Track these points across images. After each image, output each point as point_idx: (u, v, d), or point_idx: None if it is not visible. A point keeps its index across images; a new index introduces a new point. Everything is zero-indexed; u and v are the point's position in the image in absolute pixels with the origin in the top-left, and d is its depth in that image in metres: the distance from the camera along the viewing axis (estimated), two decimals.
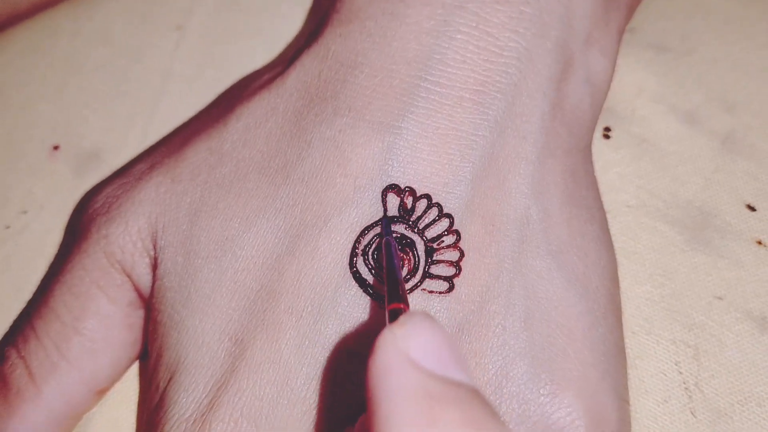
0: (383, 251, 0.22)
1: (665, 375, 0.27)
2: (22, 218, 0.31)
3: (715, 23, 0.32)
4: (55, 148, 0.32)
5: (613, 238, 0.28)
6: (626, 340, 0.27)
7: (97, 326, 0.26)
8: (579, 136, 0.27)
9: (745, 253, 0.28)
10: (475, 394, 0.16)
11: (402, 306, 0.19)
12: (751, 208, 0.29)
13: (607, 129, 0.30)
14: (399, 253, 0.23)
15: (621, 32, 0.29)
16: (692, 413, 0.26)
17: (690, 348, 0.27)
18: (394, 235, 0.24)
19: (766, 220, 0.29)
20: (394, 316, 0.19)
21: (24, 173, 0.32)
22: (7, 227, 0.31)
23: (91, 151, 0.32)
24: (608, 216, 0.28)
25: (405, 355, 0.16)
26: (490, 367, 0.24)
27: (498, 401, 0.24)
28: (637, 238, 0.29)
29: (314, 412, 0.23)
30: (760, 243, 0.28)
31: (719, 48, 0.32)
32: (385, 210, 0.24)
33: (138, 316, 0.27)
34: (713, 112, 0.30)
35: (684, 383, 0.27)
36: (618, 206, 0.29)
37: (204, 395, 0.24)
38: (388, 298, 0.20)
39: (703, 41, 0.32)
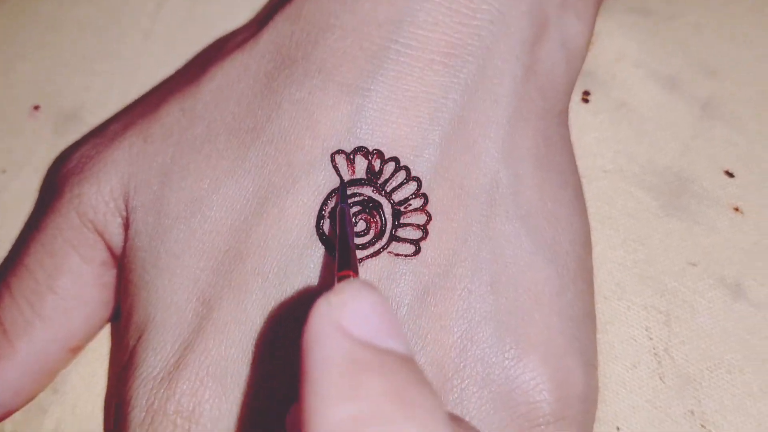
0: (337, 218, 0.22)
1: (635, 340, 0.27)
2: (1, 178, 0.31)
3: None
4: (36, 108, 0.32)
5: (588, 203, 0.28)
6: (597, 306, 0.27)
7: (70, 285, 0.27)
8: (553, 100, 0.27)
9: (721, 219, 0.28)
10: (403, 363, 0.16)
11: (351, 273, 0.19)
12: (729, 174, 0.29)
13: (587, 93, 0.30)
14: (352, 221, 0.23)
15: None
16: (661, 379, 0.26)
17: (661, 314, 0.27)
18: (362, 197, 0.24)
19: (744, 187, 0.29)
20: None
21: (4, 133, 0.32)
22: None
23: (72, 110, 0.32)
24: (584, 180, 0.28)
25: (336, 323, 0.16)
26: (455, 330, 0.24)
27: (462, 364, 0.24)
28: (613, 203, 0.29)
29: (278, 374, 0.24)
30: (737, 209, 0.28)
31: (703, 13, 0.31)
32: (341, 176, 0.24)
33: (111, 275, 0.27)
34: (694, 77, 0.30)
35: (654, 349, 0.27)
36: (594, 171, 0.29)
37: (171, 354, 0.24)
38: (338, 265, 0.20)
39: (687, 6, 0.31)
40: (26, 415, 0.28)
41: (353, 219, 0.24)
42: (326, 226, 0.24)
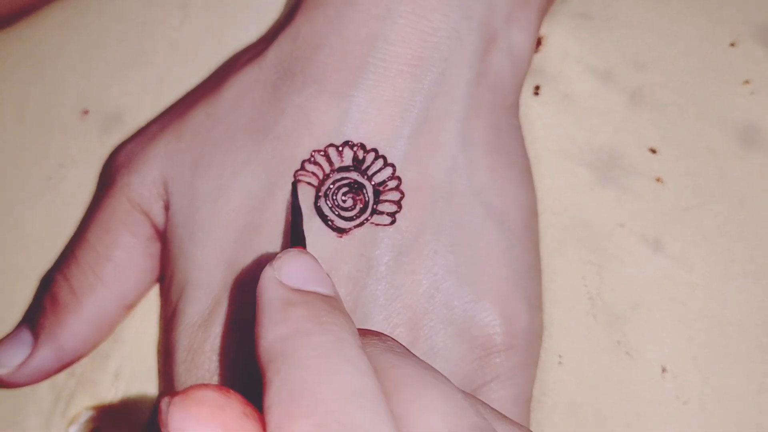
0: (290, 210, 0.29)
1: (573, 288, 0.33)
2: (60, 170, 0.37)
3: None
4: (85, 112, 0.39)
5: (537, 179, 0.34)
6: (543, 261, 0.33)
7: (124, 255, 0.33)
8: (502, 96, 0.33)
9: (645, 188, 0.35)
10: (324, 298, 0.21)
11: (301, 248, 0.25)
12: (653, 151, 0.35)
13: (537, 87, 0.36)
14: (301, 213, 0.29)
15: (542, 10, 0.34)
16: (594, 317, 0.33)
17: (594, 266, 0.34)
18: (349, 180, 0.31)
19: (665, 161, 0.35)
20: None
21: (60, 133, 0.38)
22: (49, 178, 0.37)
23: (115, 113, 0.38)
24: (534, 160, 0.35)
25: (275, 278, 0.22)
26: (424, 281, 0.30)
27: (431, 307, 0.30)
28: (557, 178, 0.35)
29: None
30: (658, 180, 0.35)
31: (637, 14, 0.37)
32: (295, 178, 0.30)
33: (156, 247, 0.33)
34: (626, 70, 0.36)
35: (588, 294, 0.33)
36: (542, 152, 0.35)
37: (205, 307, 0.31)
38: (292, 242, 0.26)
39: (623, 8, 0.37)
40: (92, 361, 0.34)
41: (343, 198, 0.31)
42: (322, 202, 0.31)
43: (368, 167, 0.31)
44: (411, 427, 0.19)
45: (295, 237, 0.27)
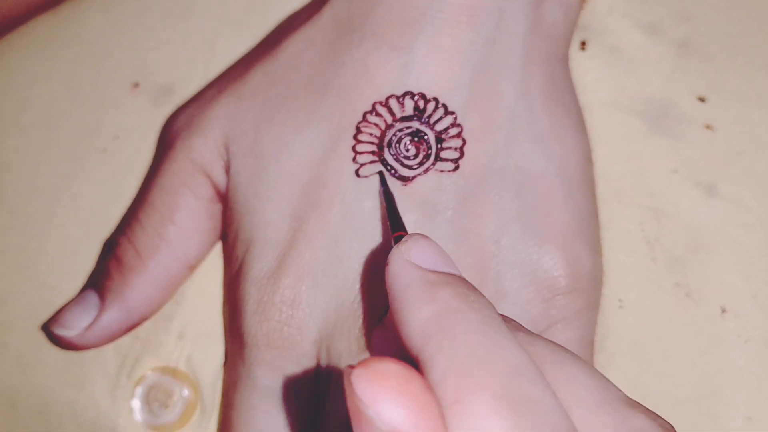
0: (382, 199, 0.30)
1: (632, 233, 0.34)
2: (115, 142, 0.38)
3: None
4: (135, 85, 0.40)
5: (590, 129, 0.35)
6: (600, 208, 0.34)
7: (186, 216, 0.33)
8: (556, 47, 0.33)
9: (696, 135, 0.35)
10: (461, 279, 0.22)
11: (403, 233, 0.26)
12: (702, 100, 0.36)
13: (583, 42, 0.37)
14: (394, 198, 0.30)
15: None
16: (653, 261, 0.34)
17: (651, 211, 0.34)
18: (411, 129, 0.31)
19: (714, 109, 0.35)
20: (398, 239, 0.26)
21: (113, 107, 0.39)
22: (105, 150, 0.38)
23: (165, 85, 0.39)
24: (586, 112, 0.35)
25: (408, 261, 0.22)
26: (490, 225, 0.31)
27: (497, 251, 0.31)
28: (609, 128, 0.35)
29: (356, 267, 0.31)
30: (708, 127, 0.35)
31: None
32: (382, 175, 0.31)
33: (217, 208, 0.34)
34: (672, 22, 0.37)
35: (646, 239, 0.34)
36: (593, 104, 0.36)
37: (273, 260, 0.31)
38: (392, 228, 0.27)
39: None
40: (155, 323, 0.34)
41: (407, 147, 0.31)
42: (386, 153, 0.31)
43: (430, 116, 0.31)
44: (563, 400, 0.20)
45: (394, 223, 0.28)
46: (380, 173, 0.31)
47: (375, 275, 0.31)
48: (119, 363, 0.35)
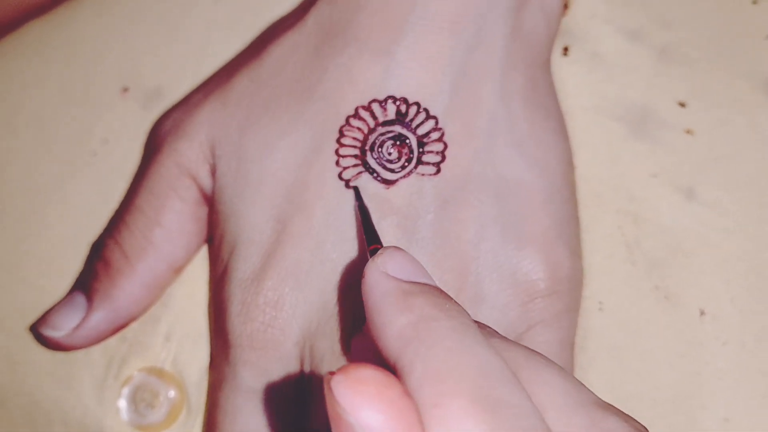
0: (357, 213, 0.30)
1: (611, 237, 0.34)
2: (105, 146, 0.38)
3: None
4: (125, 89, 0.40)
5: (572, 134, 0.35)
6: (581, 212, 0.34)
7: (172, 219, 0.34)
8: (537, 52, 0.34)
9: (677, 140, 0.36)
10: (436, 288, 0.23)
11: (378, 246, 0.27)
12: (682, 105, 0.36)
13: (566, 48, 0.37)
14: (369, 212, 0.30)
15: None
16: (632, 264, 0.34)
17: (631, 215, 0.35)
18: (394, 133, 0.32)
19: (694, 114, 0.36)
20: (373, 252, 0.26)
21: (102, 111, 0.39)
22: (94, 154, 0.39)
23: (155, 89, 0.39)
24: (567, 117, 0.35)
25: (384, 272, 0.23)
26: (471, 229, 0.31)
27: (477, 254, 0.31)
28: (591, 132, 0.36)
29: (339, 269, 0.31)
30: (689, 132, 0.36)
31: None
32: (356, 190, 0.31)
33: (203, 211, 0.34)
34: (653, 29, 0.37)
35: (626, 242, 0.34)
36: (575, 109, 0.36)
37: (257, 261, 0.32)
38: (367, 241, 0.28)
39: None
40: (143, 324, 0.35)
41: (389, 150, 0.32)
42: (368, 157, 0.32)
43: (411, 120, 0.32)
44: (538, 403, 0.21)
45: (370, 237, 0.28)
46: (355, 188, 0.31)
47: (357, 278, 0.31)
48: (106, 363, 0.35)
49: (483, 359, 0.20)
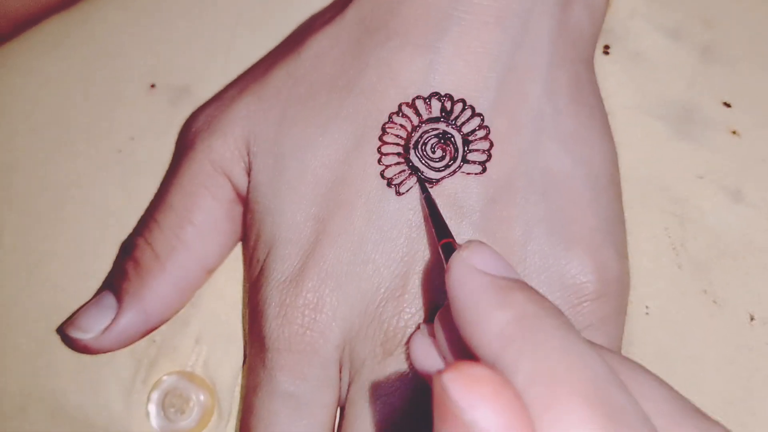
0: (423, 205, 0.29)
1: (657, 239, 0.34)
2: (130, 143, 0.38)
3: None
4: (152, 86, 0.39)
5: (614, 133, 0.34)
6: (625, 212, 0.34)
7: (205, 218, 0.33)
8: (581, 49, 0.33)
9: (721, 140, 0.35)
10: (528, 285, 0.22)
11: (450, 240, 0.26)
12: (727, 105, 0.35)
13: (607, 47, 0.37)
14: (436, 203, 0.29)
15: None
16: (679, 267, 0.33)
17: (676, 217, 0.34)
18: (438, 131, 0.31)
19: (739, 114, 0.35)
20: (446, 247, 0.26)
21: (129, 107, 0.38)
22: (120, 151, 0.38)
23: (182, 86, 0.38)
24: (609, 115, 0.35)
25: (472, 267, 0.22)
26: (517, 229, 0.30)
27: (524, 256, 0.30)
28: (633, 132, 0.35)
29: (382, 269, 0.30)
30: (734, 132, 0.35)
31: None
32: (422, 181, 0.30)
33: (237, 210, 0.33)
34: (694, 27, 0.36)
35: (672, 244, 0.33)
36: (617, 108, 0.35)
37: (296, 262, 0.31)
38: (438, 235, 0.27)
39: None
40: (172, 327, 0.34)
41: (433, 149, 0.31)
42: (412, 155, 0.31)
43: (456, 117, 0.31)
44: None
45: (440, 230, 0.27)
46: (420, 179, 0.30)
47: (400, 279, 0.30)
48: (134, 367, 0.34)
49: (592, 362, 0.19)
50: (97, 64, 0.40)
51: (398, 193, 0.30)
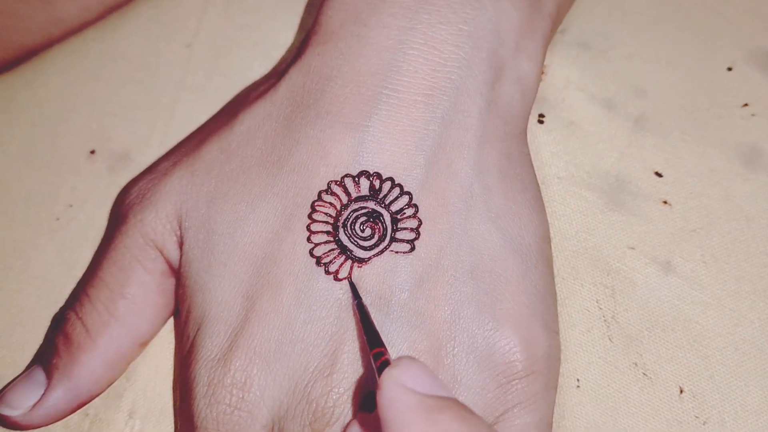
0: (355, 310, 0.30)
1: (588, 311, 0.34)
2: (69, 211, 0.37)
3: (631, 22, 0.39)
4: (92, 152, 0.39)
5: (547, 204, 0.35)
6: (557, 285, 0.34)
7: (137, 291, 0.33)
8: (512, 124, 0.33)
9: (653, 211, 0.35)
10: (457, 402, 0.23)
11: (382, 349, 0.27)
12: (659, 175, 0.36)
13: (541, 115, 0.37)
14: (369, 311, 0.30)
15: (547, 40, 0.35)
16: (610, 339, 0.33)
17: (608, 289, 0.34)
18: (367, 209, 0.31)
19: (670, 184, 0.36)
20: (377, 356, 0.27)
21: (68, 174, 0.38)
22: (57, 219, 0.37)
23: (122, 152, 0.39)
24: (542, 186, 0.35)
25: (403, 386, 0.23)
26: (446, 308, 0.31)
27: (452, 335, 0.30)
28: (566, 203, 0.35)
29: (311, 348, 0.30)
30: (665, 202, 0.35)
31: (634, 44, 0.38)
32: (353, 286, 0.30)
33: (169, 283, 0.33)
34: (627, 97, 0.37)
35: (603, 317, 0.34)
36: (550, 178, 0.36)
37: (225, 340, 0.31)
38: (369, 344, 0.27)
39: (621, 39, 0.38)
40: (105, 400, 0.33)
41: (362, 227, 0.31)
42: (341, 233, 0.31)
43: (385, 196, 0.31)
44: None
45: (371, 339, 0.28)
46: (351, 284, 0.30)
47: (328, 358, 0.30)
48: None
49: None
50: (40, 128, 0.40)
51: (327, 273, 0.30)
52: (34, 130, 0.40)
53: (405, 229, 0.31)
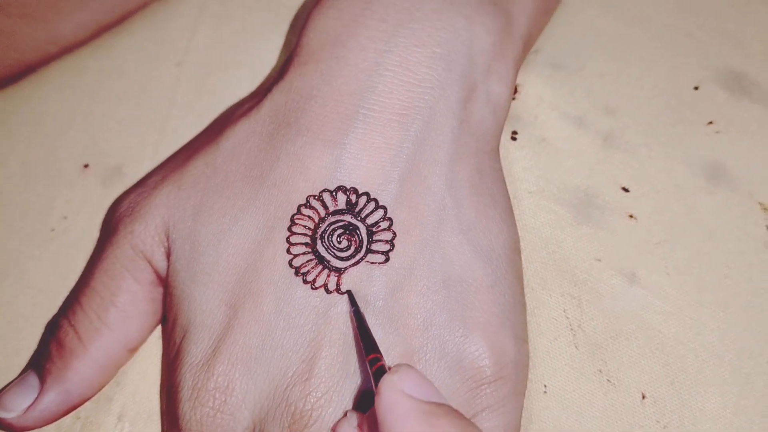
0: (352, 317, 0.31)
1: (556, 320, 0.35)
2: (63, 222, 0.39)
3: (602, 43, 0.41)
4: (86, 166, 0.41)
5: (518, 218, 0.37)
6: (526, 295, 0.35)
7: (127, 300, 0.34)
8: (484, 142, 0.35)
9: (619, 224, 0.37)
10: (452, 408, 0.24)
11: (378, 355, 0.28)
12: (625, 190, 0.37)
13: (514, 132, 0.39)
14: (365, 320, 0.31)
15: (518, 62, 0.37)
16: (576, 347, 0.35)
17: (575, 299, 0.36)
18: (344, 222, 0.33)
19: (636, 199, 0.37)
20: (373, 362, 0.28)
21: (63, 187, 0.40)
22: (52, 230, 0.39)
23: (115, 166, 0.40)
24: (514, 200, 0.37)
25: (401, 391, 0.25)
26: (418, 316, 0.32)
27: (425, 341, 0.32)
28: (536, 216, 0.37)
29: (289, 354, 0.32)
30: (631, 216, 0.37)
31: (605, 63, 0.40)
32: (351, 295, 0.32)
33: (158, 292, 0.35)
34: (597, 115, 0.39)
35: (570, 325, 0.35)
36: (522, 193, 0.37)
37: (208, 347, 0.32)
38: (366, 350, 0.29)
39: (592, 58, 0.40)
40: (96, 404, 0.35)
41: (338, 239, 0.33)
42: (319, 245, 0.33)
43: (361, 210, 0.33)
44: None
45: (368, 345, 0.29)
46: (349, 293, 0.32)
47: (306, 364, 0.32)
48: None
49: None
50: (38, 142, 0.41)
51: (305, 282, 0.32)
52: (32, 144, 0.41)
53: (380, 241, 0.33)
